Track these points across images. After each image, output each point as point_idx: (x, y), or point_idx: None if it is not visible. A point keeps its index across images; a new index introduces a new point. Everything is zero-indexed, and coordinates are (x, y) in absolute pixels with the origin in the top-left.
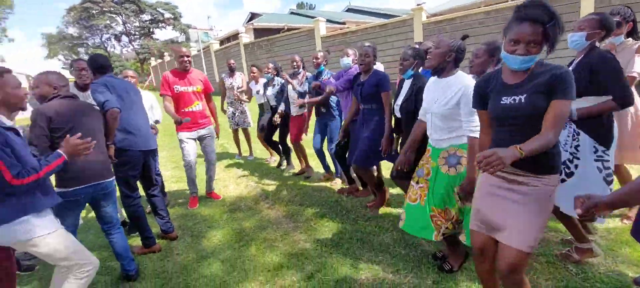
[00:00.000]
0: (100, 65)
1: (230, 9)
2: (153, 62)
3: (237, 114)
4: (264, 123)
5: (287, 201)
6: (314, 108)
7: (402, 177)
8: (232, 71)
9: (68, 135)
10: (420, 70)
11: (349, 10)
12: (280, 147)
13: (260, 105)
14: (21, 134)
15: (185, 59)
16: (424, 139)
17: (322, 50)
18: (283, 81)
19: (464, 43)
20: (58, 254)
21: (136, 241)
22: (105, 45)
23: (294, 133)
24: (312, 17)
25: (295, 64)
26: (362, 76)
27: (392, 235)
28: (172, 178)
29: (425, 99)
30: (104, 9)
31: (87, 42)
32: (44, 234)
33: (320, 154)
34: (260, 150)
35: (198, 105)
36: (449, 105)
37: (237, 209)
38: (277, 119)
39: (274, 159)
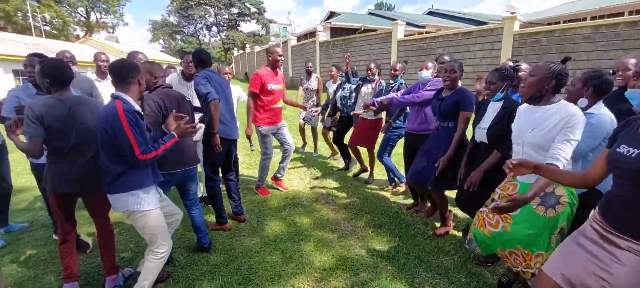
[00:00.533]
0: (202, 60)
1: (310, 5)
2: (235, 52)
3: (308, 113)
4: (327, 124)
5: (347, 204)
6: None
7: (467, 202)
8: (309, 74)
9: (180, 119)
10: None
11: (430, 13)
12: (343, 151)
13: (333, 105)
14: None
15: (281, 59)
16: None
17: (401, 61)
18: (353, 87)
19: (566, 67)
20: (149, 230)
21: (211, 218)
22: (198, 34)
23: (354, 134)
24: (391, 19)
25: (370, 72)
26: (444, 91)
27: (453, 260)
28: (242, 164)
29: (516, 126)
30: (201, 1)
31: (183, 30)
32: (147, 210)
33: (382, 162)
34: (324, 149)
35: (281, 102)
36: (550, 135)
37: (298, 204)
38: (328, 121)
39: (334, 157)
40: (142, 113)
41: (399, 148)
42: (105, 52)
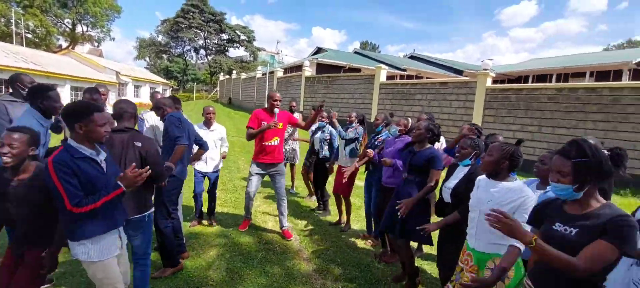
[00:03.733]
0: (179, 101)
1: (299, 36)
2: (221, 76)
3: (288, 150)
4: (310, 162)
5: (320, 253)
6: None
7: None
8: (291, 112)
9: (127, 170)
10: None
11: (412, 57)
12: (319, 192)
13: (312, 146)
14: (101, 162)
15: (276, 103)
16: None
17: (385, 113)
18: (333, 131)
19: (520, 149)
20: (97, 281)
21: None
22: (185, 55)
23: (338, 181)
24: (375, 60)
25: (348, 120)
26: (416, 146)
27: None
28: (218, 200)
29: (475, 195)
30: (192, 24)
31: (171, 50)
32: (95, 261)
33: (368, 215)
34: (302, 188)
35: (276, 141)
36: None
37: (271, 250)
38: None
39: (312, 199)
40: (96, 158)
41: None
42: (87, 65)
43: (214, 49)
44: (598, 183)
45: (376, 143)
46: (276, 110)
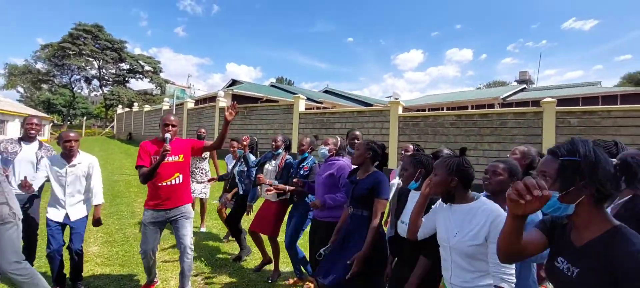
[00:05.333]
0: None
1: (213, 71)
2: (119, 109)
3: (194, 182)
4: (223, 199)
5: None
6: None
7: None
8: (200, 140)
9: None
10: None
11: (326, 91)
12: (232, 230)
13: (232, 180)
14: None
15: (171, 128)
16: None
17: (310, 136)
18: (254, 160)
19: (466, 159)
20: None
21: None
22: (73, 85)
23: (256, 218)
24: (292, 93)
25: (274, 144)
26: (359, 173)
27: None
28: (97, 257)
29: (438, 228)
30: (82, 51)
31: (53, 79)
32: None
33: (291, 251)
34: (216, 229)
35: (178, 178)
36: (476, 241)
37: None
38: (226, 199)
39: (228, 239)
40: None
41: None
42: None
43: (111, 79)
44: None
45: (302, 172)
46: (168, 135)
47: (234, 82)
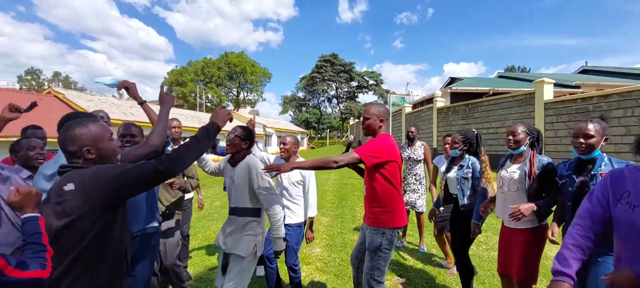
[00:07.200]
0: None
1: (430, 75)
2: (351, 121)
3: (407, 193)
4: (445, 215)
5: None
6: None
7: None
8: (411, 141)
9: None
10: None
11: (584, 71)
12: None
13: (445, 190)
14: None
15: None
16: None
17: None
18: (477, 165)
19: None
20: None
21: None
22: (320, 106)
23: (506, 253)
24: (528, 80)
25: (511, 139)
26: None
27: None
28: (318, 261)
29: None
30: (325, 77)
31: (308, 103)
32: None
33: None
34: (436, 249)
35: None
36: None
37: None
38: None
39: (452, 270)
40: None
41: None
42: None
43: (344, 96)
44: None
45: (592, 183)
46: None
47: (452, 80)
